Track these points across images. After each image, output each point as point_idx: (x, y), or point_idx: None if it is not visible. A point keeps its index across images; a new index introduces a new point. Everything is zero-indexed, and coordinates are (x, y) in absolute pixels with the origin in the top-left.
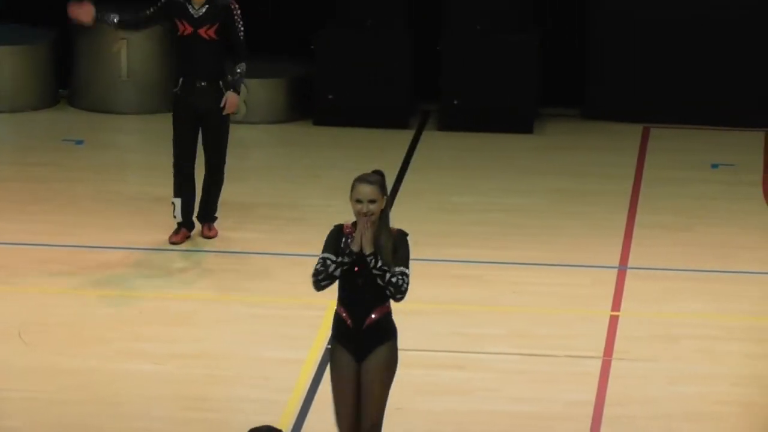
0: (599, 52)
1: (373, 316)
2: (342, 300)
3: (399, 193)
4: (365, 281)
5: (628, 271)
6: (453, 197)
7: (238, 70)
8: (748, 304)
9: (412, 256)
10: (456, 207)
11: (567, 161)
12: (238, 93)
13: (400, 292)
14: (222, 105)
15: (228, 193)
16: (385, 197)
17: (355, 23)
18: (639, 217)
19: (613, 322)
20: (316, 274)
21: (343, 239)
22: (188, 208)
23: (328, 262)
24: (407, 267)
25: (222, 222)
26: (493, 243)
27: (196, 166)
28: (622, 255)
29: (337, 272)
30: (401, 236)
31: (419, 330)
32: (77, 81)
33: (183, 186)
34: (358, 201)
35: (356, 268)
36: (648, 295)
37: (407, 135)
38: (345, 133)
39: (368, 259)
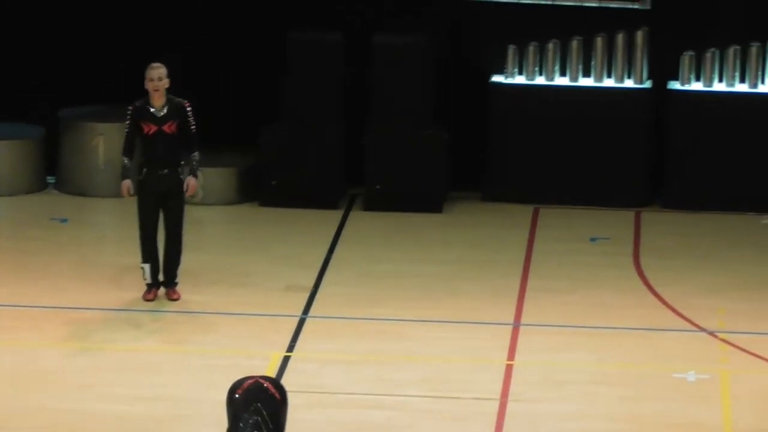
0: (496, 145)
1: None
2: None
3: (330, 263)
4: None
5: (521, 327)
6: (376, 266)
7: (195, 158)
8: (623, 354)
9: (342, 315)
10: (379, 274)
11: (470, 236)
12: (197, 177)
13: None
14: (185, 188)
15: (188, 262)
16: None
17: (295, 120)
18: (530, 282)
19: (509, 369)
20: None
21: None
22: (155, 270)
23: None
24: None
25: (182, 287)
26: (410, 304)
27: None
28: (516, 313)
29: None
30: None
31: (348, 377)
32: (63, 169)
33: (149, 253)
34: None
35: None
36: (538, 347)
37: (337, 214)
38: (286, 213)
39: None
